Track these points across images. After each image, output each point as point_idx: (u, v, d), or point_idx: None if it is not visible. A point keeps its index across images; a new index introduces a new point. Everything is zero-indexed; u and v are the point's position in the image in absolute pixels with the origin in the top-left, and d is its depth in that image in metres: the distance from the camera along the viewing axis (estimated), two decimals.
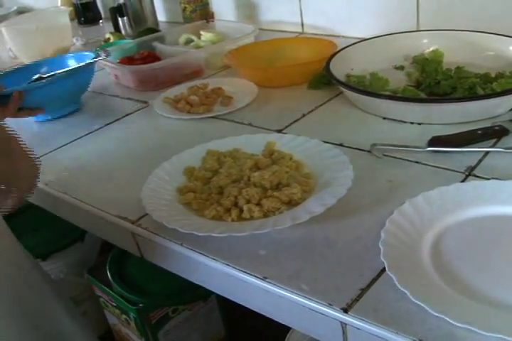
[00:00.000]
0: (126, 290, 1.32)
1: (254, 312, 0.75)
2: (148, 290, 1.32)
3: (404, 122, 1.03)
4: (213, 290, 0.81)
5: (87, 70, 1.30)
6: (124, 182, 0.96)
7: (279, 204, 0.79)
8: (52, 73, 1.27)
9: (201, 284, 0.82)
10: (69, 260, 1.55)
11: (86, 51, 1.43)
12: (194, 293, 1.33)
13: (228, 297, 0.78)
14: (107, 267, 1.39)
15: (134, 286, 1.33)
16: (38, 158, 0.76)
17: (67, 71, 1.26)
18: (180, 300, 1.35)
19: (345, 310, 0.62)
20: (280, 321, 0.72)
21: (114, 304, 1.39)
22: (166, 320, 1.36)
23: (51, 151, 1.12)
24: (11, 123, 0.88)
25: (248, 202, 0.80)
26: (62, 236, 1.55)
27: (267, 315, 0.73)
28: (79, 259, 1.57)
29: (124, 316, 1.39)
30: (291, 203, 0.80)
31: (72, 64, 1.37)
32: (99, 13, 2.17)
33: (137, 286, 1.34)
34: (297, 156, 0.89)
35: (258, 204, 0.80)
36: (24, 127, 1.04)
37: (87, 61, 1.28)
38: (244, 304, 0.76)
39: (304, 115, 1.12)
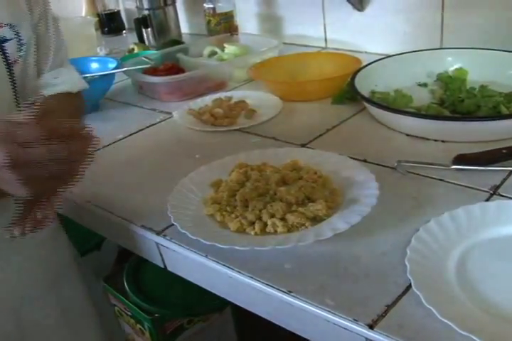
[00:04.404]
0: (142, 300, 1.32)
1: (269, 324, 0.75)
2: (164, 301, 1.33)
3: (428, 139, 1.03)
4: (236, 302, 0.80)
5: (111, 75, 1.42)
6: (148, 192, 0.96)
7: (303, 220, 0.79)
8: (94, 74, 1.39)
9: (223, 296, 0.82)
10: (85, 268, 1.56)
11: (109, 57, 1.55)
12: (210, 305, 1.33)
13: (251, 310, 0.78)
14: (124, 276, 1.39)
15: (150, 296, 1.34)
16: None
17: (108, 73, 1.39)
18: (196, 311, 1.35)
19: (371, 326, 0.62)
20: (303, 335, 0.72)
21: (129, 313, 1.40)
22: (180, 331, 1.36)
23: None
24: None
25: (272, 216, 0.80)
26: (79, 244, 1.55)
27: (290, 329, 0.73)
28: (95, 267, 1.58)
29: (138, 326, 1.39)
30: (316, 219, 0.80)
31: (95, 67, 1.49)
32: (122, 23, 2.20)
33: (153, 296, 1.34)
34: (324, 172, 0.89)
35: (282, 218, 0.80)
36: None
37: (138, 66, 1.43)
38: (267, 317, 0.76)
39: (328, 130, 1.12)
